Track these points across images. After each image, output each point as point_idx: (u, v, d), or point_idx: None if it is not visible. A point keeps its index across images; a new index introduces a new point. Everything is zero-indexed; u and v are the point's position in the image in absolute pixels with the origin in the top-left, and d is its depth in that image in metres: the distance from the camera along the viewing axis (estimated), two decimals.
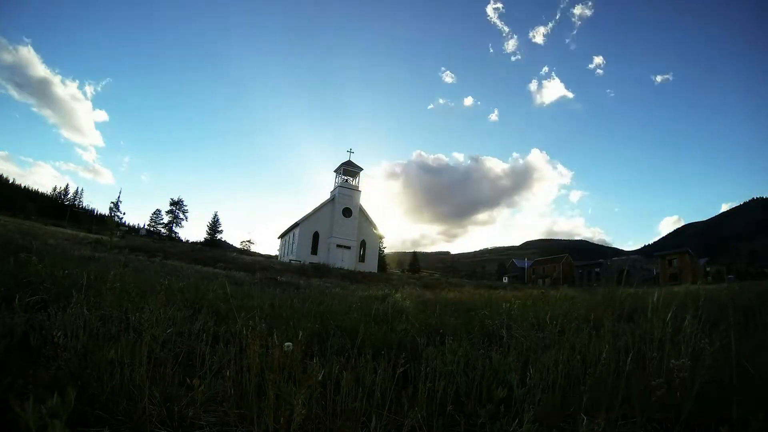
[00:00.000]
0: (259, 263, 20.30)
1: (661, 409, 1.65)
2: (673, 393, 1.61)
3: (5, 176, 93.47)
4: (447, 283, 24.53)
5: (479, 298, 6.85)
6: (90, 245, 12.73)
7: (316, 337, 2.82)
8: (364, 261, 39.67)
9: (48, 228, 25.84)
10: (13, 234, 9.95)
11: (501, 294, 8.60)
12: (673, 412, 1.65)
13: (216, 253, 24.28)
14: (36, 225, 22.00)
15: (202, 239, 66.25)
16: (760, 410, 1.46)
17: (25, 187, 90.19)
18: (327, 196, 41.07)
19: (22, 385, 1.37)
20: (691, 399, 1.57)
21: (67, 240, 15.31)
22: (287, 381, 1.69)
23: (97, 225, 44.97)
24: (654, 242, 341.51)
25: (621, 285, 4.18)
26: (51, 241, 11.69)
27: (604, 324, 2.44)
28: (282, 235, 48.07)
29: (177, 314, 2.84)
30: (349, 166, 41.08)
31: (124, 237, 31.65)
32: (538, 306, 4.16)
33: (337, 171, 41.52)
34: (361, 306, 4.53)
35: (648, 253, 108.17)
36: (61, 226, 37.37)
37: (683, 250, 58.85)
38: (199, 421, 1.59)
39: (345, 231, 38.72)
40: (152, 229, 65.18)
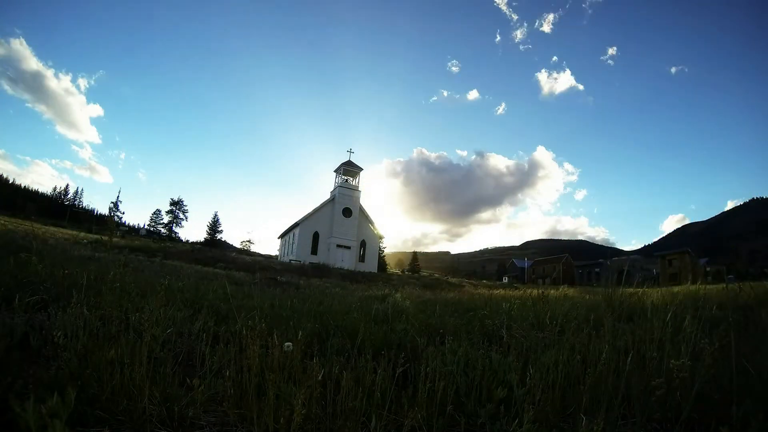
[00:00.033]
0: (259, 263, 20.30)
1: (661, 409, 1.65)
2: (673, 393, 1.61)
3: (5, 176, 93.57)
4: (447, 283, 24.56)
5: (479, 298, 6.85)
6: (90, 245, 12.73)
7: (316, 337, 2.83)
8: (364, 261, 39.67)
9: (48, 228, 25.84)
10: (13, 234, 9.95)
11: (501, 294, 8.60)
12: (673, 412, 1.65)
13: (216, 253, 24.26)
14: (36, 225, 21.98)
15: (202, 239, 66.23)
16: (760, 410, 1.46)
17: (25, 187, 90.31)
18: (327, 196, 41.09)
19: (22, 385, 1.37)
20: (691, 399, 1.57)
21: (67, 240, 15.31)
22: (287, 381, 1.69)
23: (97, 225, 44.95)
24: (654, 242, 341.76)
25: (621, 285, 4.18)
26: (51, 241, 11.69)
27: (604, 324, 2.44)
28: (282, 235, 48.08)
29: (177, 314, 2.84)
30: (349, 166, 41.10)
31: (124, 237, 31.68)
32: (538, 306, 4.16)
33: (337, 171, 41.54)
34: (361, 306, 4.53)
35: (648, 253, 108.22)
36: (61, 226, 37.38)
37: (683, 250, 58.77)
38: (199, 421, 1.59)
39: (345, 231, 38.72)
40: (152, 229, 65.19)
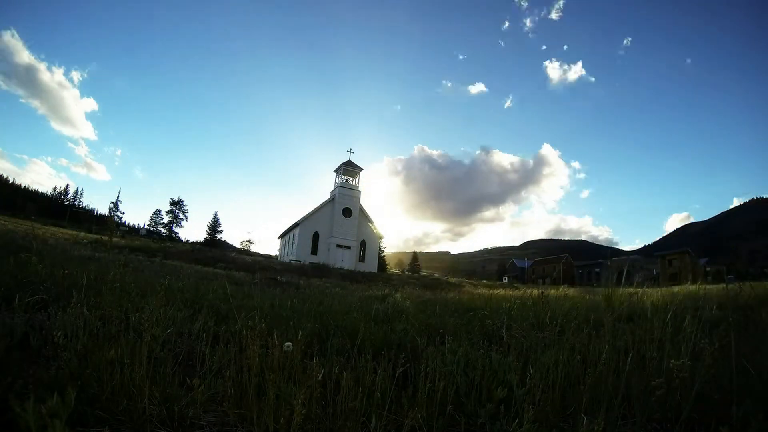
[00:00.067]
0: (259, 263, 20.29)
1: (661, 409, 1.65)
2: (673, 393, 1.61)
3: (5, 176, 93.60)
4: (447, 283, 24.56)
5: (479, 298, 6.85)
6: (90, 245, 12.72)
7: (316, 337, 2.83)
8: (364, 261, 39.67)
9: (48, 228, 25.84)
10: (13, 234, 9.95)
11: (501, 294, 8.61)
12: (673, 412, 1.65)
13: (216, 253, 24.25)
14: (36, 225, 22.01)
15: (202, 239, 66.22)
16: (760, 410, 1.46)
17: (25, 187, 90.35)
18: (327, 196, 41.09)
19: (22, 385, 1.37)
20: (691, 399, 1.57)
21: (67, 240, 15.31)
22: (287, 381, 1.69)
23: (97, 225, 44.94)
24: (654, 242, 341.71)
25: (621, 285, 4.18)
26: (51, 241, 11.69)
27: (604, 324, 2.44)
28: (282, 235, 48.07)
29: (177, 314, 2.84)
30: (349, 166, 41.11)
31: (124, 237, 31.68)
32: (538, 306, 4.16)
33: (337, 171, 41.54)
34: (361, 306, 4.53)
35: (648, 253, 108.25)
36: (61, 226, 37.37)
37: (683, 250, 58.76)
38: (199, 421, 1.59)
39: (345, 231, 38.72)
40: (152, 229, 65.19)
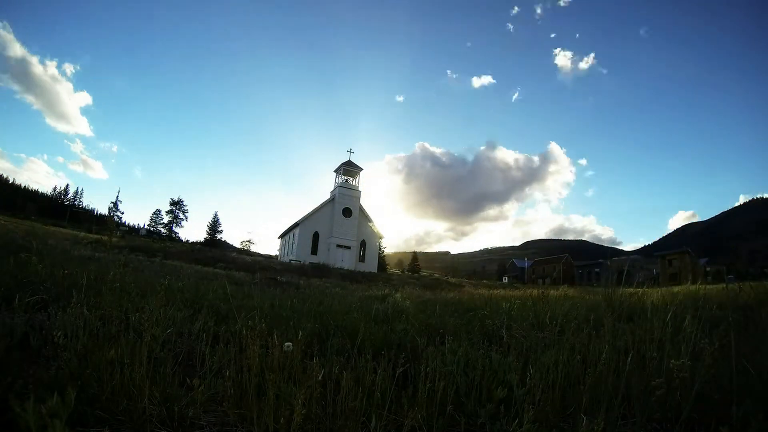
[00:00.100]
0: (259, 263, 20.30)
1: (661, 409, 1.65)
2: (673, 393, 1.61)
3: (5, 176, 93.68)
4: (447, 283, 24.57)
5: (479, 298, 6.85)
6: (90, 245, 12.72)
7: (316, 337, 2.83)
8: (364, 261, 39.68)
9: (48, 228, 25.83)
10: (13, 234, 9.95)
11: (501, 294, 8.60)
12: (673, 412, 1.65)
13: (216, 253, 24.26)
14: (36, 225, 22.02)
15: (202, 239, 66.29)
16: (760, 410, 1.46)
17: (25, 186, 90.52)
18: (327, 196, 41.11)
19: (22, 385, 1.37)
20: (691, 399, 1.57)
21: (67, 240, 15.30)
22: (287, 381, 1.69)
23: (97, 225, 44.94)
24: (654, 242, 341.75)
25: (621, 285, 4.19)
26: (51, 241, 11.68)
27: (604, 324, 2.44)
28: (282, 235, 48.08)
29: (177, 314, 2.84)
30: (349, 166, 41.13)
31: (124, 237, 31.67)
32: (538, 306, 4.16)
33: (337, 171, 41.56)
34: (361, 306, 4.53)
35: (648, 253, 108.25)
36: (61, 226, 37.41)
37: (683, 250, 58.74)
38: (199, 421, 1.59)
39: (345, 231, 38.73)
40: (152, 229, 65.23)
